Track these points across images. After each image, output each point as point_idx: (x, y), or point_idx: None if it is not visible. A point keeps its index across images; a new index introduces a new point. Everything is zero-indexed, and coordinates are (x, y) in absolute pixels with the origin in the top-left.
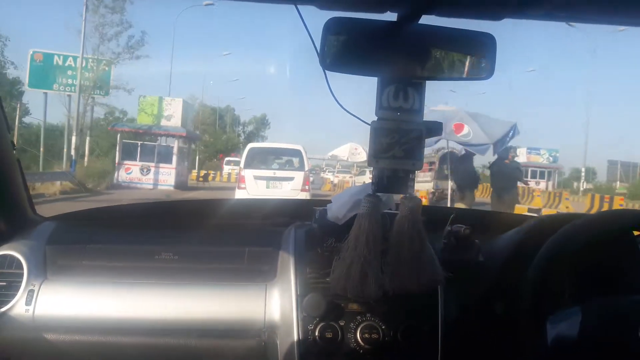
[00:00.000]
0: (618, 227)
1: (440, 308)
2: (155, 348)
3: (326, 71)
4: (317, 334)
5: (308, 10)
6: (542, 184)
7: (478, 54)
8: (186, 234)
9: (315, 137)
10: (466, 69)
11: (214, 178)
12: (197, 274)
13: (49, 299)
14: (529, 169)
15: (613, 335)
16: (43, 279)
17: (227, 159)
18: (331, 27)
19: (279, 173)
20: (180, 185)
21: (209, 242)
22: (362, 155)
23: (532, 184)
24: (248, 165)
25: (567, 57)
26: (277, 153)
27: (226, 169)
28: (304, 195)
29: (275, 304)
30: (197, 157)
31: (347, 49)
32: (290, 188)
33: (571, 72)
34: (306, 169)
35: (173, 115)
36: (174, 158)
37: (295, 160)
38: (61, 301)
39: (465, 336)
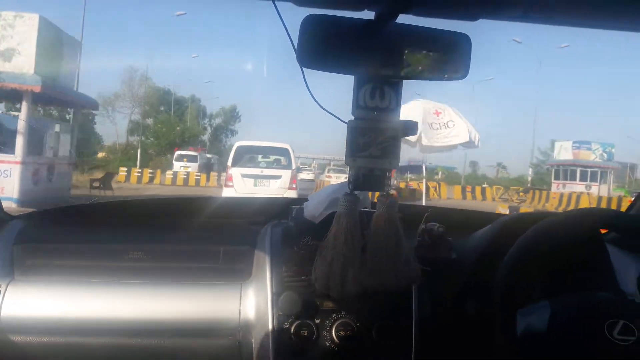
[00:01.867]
0: (586, 226)
1: (415, 306)
2: (126, 349)
3: (303, 68)
4: (292, 332)
5: (286, 7)
6: (594, 188)
7: (454, 53)
8: (160, 232)
9: (292, 134)
10: (442, 68)
11: (150, 180)
12: (170, 273)
13: (16, 300)
14: (577, 169)
15: (581, 329)
16: (10, 279)
17: (178, 152)
18: (308, 24)
19: (266, 171)
20: (43, 194)
21: (183, 241)
22: None
23: (581, 187)
24: (235, 163)
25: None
26: (265, 151)
27: (176, 165)
28: (292, 194)
29: (251, 303)
30: (139, 151)
31: (324, 46)
32: (277, 186)
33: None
34: (293, 167)
35: (17, 49)
36: (20, 141)
37: (283, 159)
38: (29, 302)
39: (438, 333)
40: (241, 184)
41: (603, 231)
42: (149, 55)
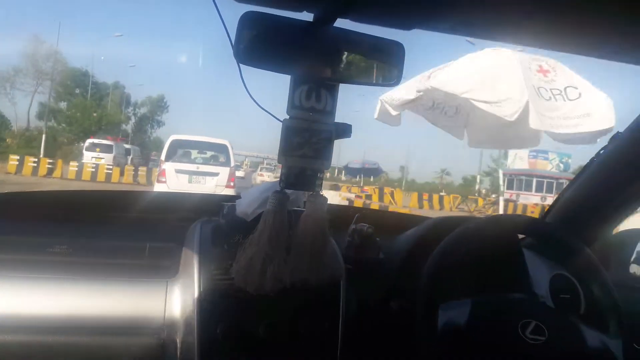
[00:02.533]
0: (504, 231)
1: (342, 304)
2: (44, 347)
3: (240, 64)
4: (218, 331)
5: (225, 1)
6: (550, 199)
7: (388, 60)
8: (84, 226)
9: (224, 129)
10: (376, 74)
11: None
12: (93, 269)
13: None
14: (534, 179)
15: (497, 327)
16: None
17: (90, 141)
18: (247, 21)
19: (202, 168)
20: None
21: (109, 236)
22: None
23: (536, 199)
24: (169, 157)
25: None
26: (202, 147)
27: (86, 156)
28: (229, 192)
29: (176, 301)
30: (44, 137)
31: (262, 44)
32: (214, 184)
33: None
34: (232, 164)
35: None
36: None
37: (221, 156)
38: None
39: (364, 331)
40: (175, 180)
41: (521, 237)
42: (58, 24)
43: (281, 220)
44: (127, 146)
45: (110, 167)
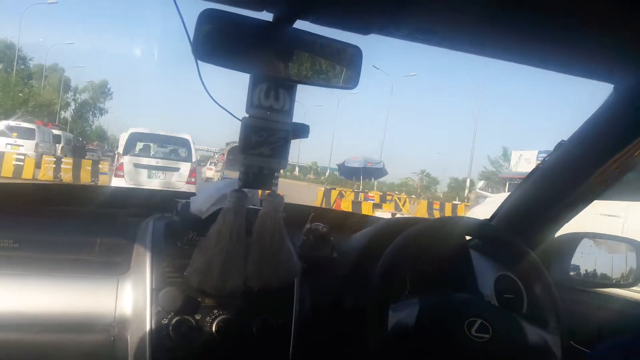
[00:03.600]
0: (453, 232)
1: (295, 303)
2: None
3: (198, 61)
4: (170, 328)
5: None
6: None
7: (345, 63)
8: (30, 220)
9: (174, 121)
10: (333, 76)
11: None
12: (41, 264)
13: None
14: None
15: (444, 325)
16: None
17: (5, 123)
18: (206, 18)
19: (162, 162)
20: None
21: (58, 231)
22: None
23: None
24: (127, 151)
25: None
26: (162, 141)
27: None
28: (190, 188)
29: (128, 297)
30: None
31: (221, 42)
32: (174, 179)
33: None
34: (193, 160)
35: None
36: None
37: (182, 150)
38: None
39: (317, 330)
40: (133, 175)
41: (468, 238)
42: None
43: (241, 219)
44: (56, 132)
45: (22, 157)
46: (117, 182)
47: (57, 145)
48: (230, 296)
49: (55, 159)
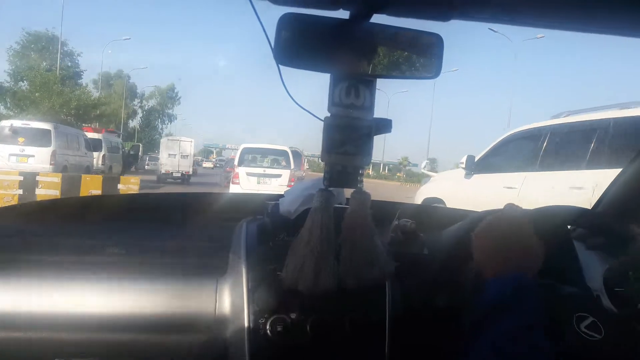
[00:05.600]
0: (554, 222)
1: (388, 301)
2: (99, 344)
3: (280, 66)
4: (268, 328)
5: (262, 5)
6: None
7: (426, 53)
8: (135, 228)
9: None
10: (415, 68)
11: None
12: (145, 268)
13: None
14: None
15: (550, 316)
16: None
17: (4, 124)
18: (285, 23)
19: (268, 171)
20: None
21: (159, 237)
22: None
23: None
24: (241, 163)
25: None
26: (266, 153)
27: (1, 152)
28: None
29: (226, 298)
30: None
31: (301, 44)
32: (278, 184)
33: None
34: (292, 167)
35: None
36: None
37: (282, 160)
38: (2, 298)
39: (411, 328)
40: (246, 182)
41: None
42: None
43: (329, 218)
44: (94, 136)
45: (15, 193)
46: (233, 188)
47: (94, 154)
48: (324, 295)
49: (61, 179)
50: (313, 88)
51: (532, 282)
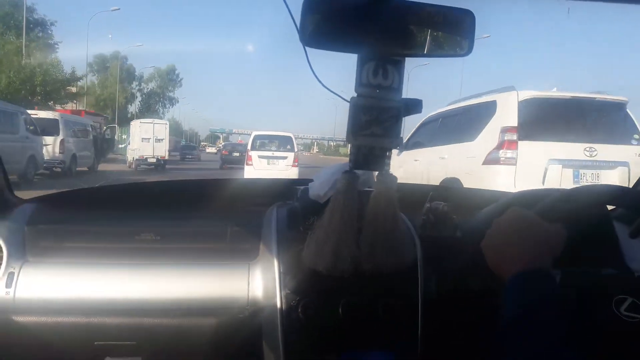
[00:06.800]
0: (592, 202)
1: (420, 284)
2: (137, 328)
3: (306, 47)
4: (300, 310)
5: None
6: None
7: (458, 30)
8: (168, 214)
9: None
10: (446, 45)
11: None
12: (179, 253)
13: (30, 281)
14: None
15: (588, 302)
16: (23, 261)
17: None
18: (311, 4)
19: (276, 153)
20: None
21: (191, 223)
22: None
23: None
24: (253, 147)
25: None
26: (274, 139)
27: None
28: (294, 171)
29: (258, 282)
30: None
31: (327, 25)
32: (284, 164)
33: None
34: (295, 150)
35: None
36: None
37: (287, 144)
38: (42, 283)
39: (443, 312)
40: (258, 163)
41: (610, 208)
42: None
43: (351, 201)
44: (47, 115)
45: None
46: (248, 169)
47: (46, 138)
48: (356, 278)
49: None
50: (333, 73)
51: (551, 279)
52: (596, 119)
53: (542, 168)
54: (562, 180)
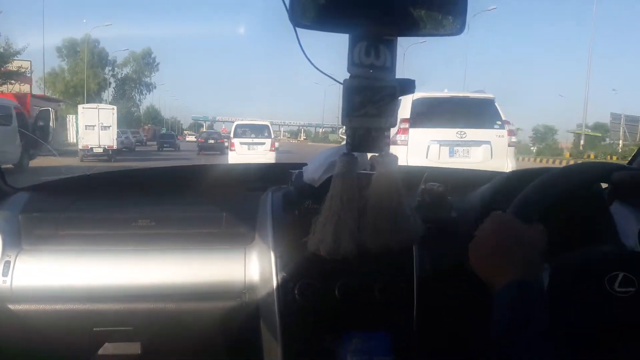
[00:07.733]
0: (586, 179)
1: (416, 265)
2: (135, 314)
3: (296, 28)
4: (296, 293)
5: None
6: None
7: (450, 10)
8: (163, 200)
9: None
10: (437, 25)
11: None
12: (175, 239)
13: (26, 269)
14: None
15: (581, 287)
16: (19, 249)
17: None
18: None
19: (255, 140)
20: None
21: (187, 208)
22: None
23: None
24: (235, 135)
25: None
26: (252, 127)
27: None
28: (272, 155)
29: (255, 266)
30: None
31: (317, 4)
32: (262, 149)
33: None
34: (272, 136)
35: None
36: None
37: (265, 131)
38: (39, 271)
39: (439, 292)
40: (240, 149)
41: (604, 185)
42: None
43: (351, 183)
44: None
45: None
46: (231, 154)
47: None
48: (352, 260)
49: None
50: (324, 57)
51: (539, 283)
52: (468, 110)
53: (426, 146)
54: (440, 155)
